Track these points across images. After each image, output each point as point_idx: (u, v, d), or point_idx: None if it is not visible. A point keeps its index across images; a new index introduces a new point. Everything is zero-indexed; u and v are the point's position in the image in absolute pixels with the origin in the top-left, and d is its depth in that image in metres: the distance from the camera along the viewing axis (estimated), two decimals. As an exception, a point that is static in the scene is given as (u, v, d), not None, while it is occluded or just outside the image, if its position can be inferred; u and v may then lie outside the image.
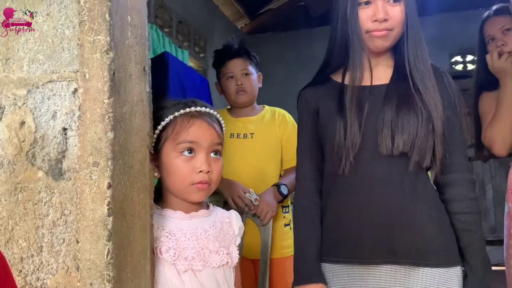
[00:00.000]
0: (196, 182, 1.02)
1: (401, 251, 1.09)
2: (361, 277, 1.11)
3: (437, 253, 1.10)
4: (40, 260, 0.87)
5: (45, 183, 0.88)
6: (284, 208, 1.89)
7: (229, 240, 1.09)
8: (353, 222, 1.12)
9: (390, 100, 1.12)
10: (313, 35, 5.37)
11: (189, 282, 1.00)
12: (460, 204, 1.14)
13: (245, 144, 1.89)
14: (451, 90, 1.16)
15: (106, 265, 0.81)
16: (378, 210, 1.10)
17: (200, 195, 1.05)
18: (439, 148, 1.10)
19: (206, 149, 1.05)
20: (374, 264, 1.10)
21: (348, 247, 1.13)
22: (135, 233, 0.89)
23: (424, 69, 1.14)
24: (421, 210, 1.10)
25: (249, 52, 1.96)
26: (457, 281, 1.10)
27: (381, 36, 1.13)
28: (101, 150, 0.83)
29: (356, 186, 1.12)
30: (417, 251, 1.09)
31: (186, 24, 4.24)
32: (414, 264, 1.09)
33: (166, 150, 1.03)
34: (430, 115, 1.09)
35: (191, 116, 1.04)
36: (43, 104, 0.90)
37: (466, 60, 5.34)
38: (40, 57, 0.91)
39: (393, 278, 1.10)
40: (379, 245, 1.10)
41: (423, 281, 1.08)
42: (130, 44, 0.91)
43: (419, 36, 1.16)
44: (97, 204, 0.82)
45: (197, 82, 2.72)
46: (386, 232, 1.09)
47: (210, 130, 1.06)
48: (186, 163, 1.03)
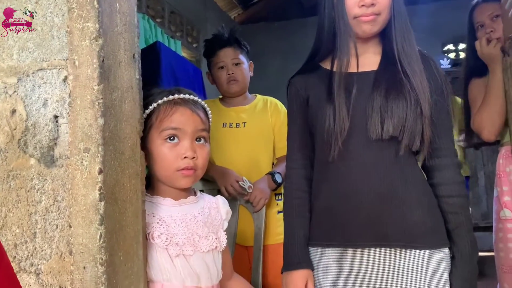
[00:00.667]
0: (181, 168, 1.04)
1: (391, 234, 1.11)
2: (353, 260, 1.13)
3: (426, 235, 1.12)
4: (34, 246, 0.89)
5: (37, 170, 0.89)
6: (277, 196, 1.91)
7: (217, 225, 1.11)
8: (344, 207, 1.14)
9: (379, 86, 1.13)
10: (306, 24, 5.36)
11: (181, 266, 1.02)
12: (448, 187, 1.16)
13: (237, 133, 1.90)
14: (438, 75, 1.18)
15: (98, 249, 0.83)
16: (368, 194, 1.11)
17: (186, 181, 1.06)
18: (427, 131, 1.11)
19: (190, 136, 1.06)
20: (365, 247, 1.12)
21: (339, 231, 1.15)
22: (127, 218, 0.90)
23: (411, 53, 1.15)
24: (411, 194, 1.12)
25: (240, 41, 1.96)
26: (445, 262, 1.13)
27: (369, 21, 1.13)
28: (91, 136, 0.84)
29: (346, 171, 1.14)
30: (406, 234, 1.11)
31: (178, 14, 4.22)
32: (404, 246, 1.11)
33: (151, 138, 1.05)
34: (418, 99, 1.10)
35: (174, 103, 1.06)
36: (34, 92, 0.90)
37: (458, 48, 5.35)
38: (29, 45, 0.91)
39: (384, 261, 1.12)
40: (370, 229, 1.11)
41: (412, 263, 1.11)
42: (119, 31, 0.92)
43: (406, 21, 1.17)
44: (89, 189, 0.84)
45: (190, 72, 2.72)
46: (376, 216, 1.11)
47: (194, 117, 1.07)
48: (171, 150, 1.04)
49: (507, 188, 1.67)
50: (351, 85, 1.15)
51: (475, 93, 1.77)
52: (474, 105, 1.76)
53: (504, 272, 1.64)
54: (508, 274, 1.63)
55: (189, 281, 1.03)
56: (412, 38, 1.17)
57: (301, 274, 1.17)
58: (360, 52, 1.18)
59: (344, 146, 1.12)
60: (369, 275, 1.12)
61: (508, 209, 1.65)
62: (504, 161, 1.69)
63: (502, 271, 1.65)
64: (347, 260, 1.14)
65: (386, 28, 1.17)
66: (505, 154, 1.70)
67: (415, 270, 1.10)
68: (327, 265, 1.17)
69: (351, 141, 1.13)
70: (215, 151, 1.84)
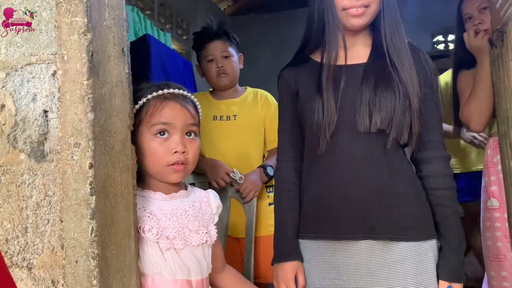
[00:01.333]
0: (171, 163, 1.04)
1: (378, 227, 1.12)
2: (341, 252, 1.15)
3: (413, 227, 1.13)
4: (26, 241, 0.89)
5: (28, 165, 0.89)
6: (268, 188, 1.92)
7: (207, 219, 1.12)
8: (332, 200, 1.15)
9: (368, 79, 1.13)
10: (296, 16, 5.35)
11: (171, 260, 1.03)
12: (436, 180, 1.17)
13: (228, 126, 1.90)
14: (428, 68, 1.18)
15: (90, 243, 0.83)
16: (356, 187, 1.12)
17: (177, 176, 1.06)
18: (415, 124, 1.12)
19: (181, 130, 1.06)
20: (353, 239, 1.14)
21: (328, 223, 1.16)
22: (118, 212, 0.91)
23: (401, 46, 1.15)
24: (398, 186, 1.13)
25: (229, 33, 1.95)
26: (432, 254, 1.14)
27: (358, 14, 1.13)
28: (81, 131, 0.84)
29: (334, 164, 1.15)
30: (394, 226, 1.12)
31: (168, 6, 4.19)
32: (391, 239, 1.12)
33: (141, 133, 1.05)
34: (407, 92, 1.11)
35: (164, 98, 1.06)
36: (23, 87, 0.90)
37: (448, 39, 5.38)
38: (18, 39, 0.91)
39: (372, 253, 1.13)
40: (358, 221, 1.13)
41: (400, 255, 1.12)
42: (108, 25, 0.92)
43: (395, 12, 1.17)
44: (80, 184, 0.84)
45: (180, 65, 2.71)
46: (364, 209, 1.12)
47: (184, 111, 1.07)
48: (161, 144, 1.04)
49: (495, 178, 1.69)
50: (339, 78, 1.15)
51: (463, 84, 1.79)
52: (462, 96, 1.78)
53: (491, 260, 1.68)
54: (495, 262, 1.66)
55: (180, 274, 1.04)
56: (401, 30, 1.17)
57: (291, 265, 1.18)
58: (349, 44, 1.18)
59: (332, 139, 1.13)
60: (357, 267, 1.14)
61: (496, 199, 1.68)
62: (492, 152, 1.72)
63: (489, 259, 1.69)
64: (335, 252, 1.15)
65: (375, 20, 1.17)
66: (492, 145, 1.73)
67: (402, 261, 1.12)
68: (316, 257, 1.18)
69: (339, 134, 1.13)
70: (205, 144, 1.85)
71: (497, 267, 1.65)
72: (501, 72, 1.56)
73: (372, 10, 1.14)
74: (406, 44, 1.17)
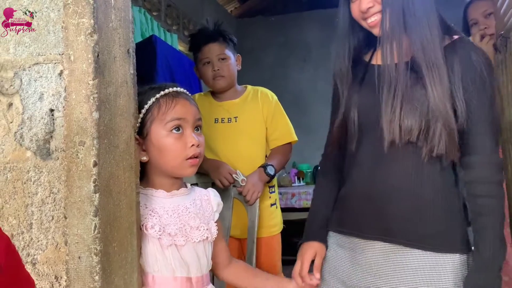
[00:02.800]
0: (189, 156, 1.07)
1: (394, 230, 1.10)
2: (358, 250, 1.16)
3: (432, 237, 1.09)
4: (30, 237, 0.91)
5: (34, 163, 0.91)
6: (271, 188, 1.93)
7: (208, 216, 1.15)
8: (356, 197, 1.18)
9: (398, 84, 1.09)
10: (302, 19, 5.37)
11: (172, 256, 1.05)
12: (476, 186, 1.08)
13: (229, 128, 1.89)
14: (477, 66, 1.09)
15: (93, 239, 0.85)
16: (378, 187, 1.12)
17: (193, 170, 1.10)
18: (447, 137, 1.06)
19: (192, 125, 1.10)
20: (369, 239, 1.14)
21: (348, 220, 1.19)
22: (121, 210, 0.93)
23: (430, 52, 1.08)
24: (425, 194, 1.09)
25: (225, 35, 1.90)
26: (452, 269, 1.07)
27: (374, 25, 1.13)
28: (86, 129, 0.86)
29: (361, 162, 1.17)
30: (410, 231, 1.09)
31: (174, 7, 4.22)
32: (406, 244, 1.09)
33: (155, 131, 1.07)
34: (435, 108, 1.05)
35: (172, 96, 1.09)
36: (30, 86, 0.92)
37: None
38: (26, 39, 0.93)
39: (385, 256, 1.12)
40: (375, 222, 1.12)
41: (414, 263, 1.09)
42: (114, 26, 0.94)
43: (421, 16, 1.10)
44: (84, 181, 0.86)
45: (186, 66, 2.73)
46: (383, 210, 1.11)
47: (193, 107, 1.12)
48: (178, 140, 1.07)
49: None
50: (377, 79, 1.13)
51: None
52: None
53: None
54: None
55: (179, 272, 1.06)
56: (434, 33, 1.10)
57: (313, 245, 1.24)
58: None
59: (361, 137, 1.17)
60: (371, 268, 1.13)
61: None
62: None
63: None
64: (353, 249, 1.18)
65: None
66: None
67: (415, 270, 1.09)
68: (336, 250, 1.22)
69: (369, 133, 1.15)
70: (207, 146, 1.85)
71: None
72: (505, 77, 1.57)
73: (388, 14, 1.09)
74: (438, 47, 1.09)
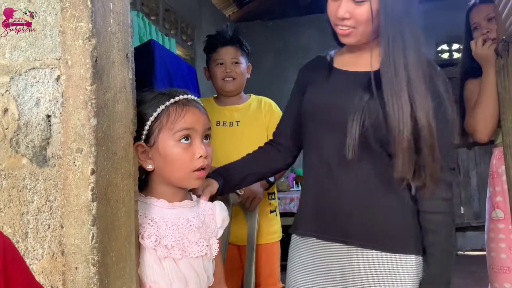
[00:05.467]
0: (196, 168, 1.04)
1: (351, 232, 1.13)
2: (320, 252, 1.17)
3: (388, 238, 1.11)
4: (26, 246, 0.88)
5: (30, 170, 0.89)
6: (270, 195, 1.92)
7: (210, 232, 1.09)
8: (314, 199, 1.18)
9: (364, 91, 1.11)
10: (301, 23, 5.37)
11: (169, 269, 1.01)
12: (429, 203, 1.12)
13: (230, 132, 1.91)
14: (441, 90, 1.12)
15: (90, 249, 0.83)
16: (336, 191, 1.14)
17: (199, 182, 1.07)
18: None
19: (201, 135, 1.06)
20: (328, 240, 1.16)
21: (307, 221, 1.19)
22: (119, 219, 0.90)
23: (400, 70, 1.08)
24: (381, 198, 1.13)
25: (242, 42, 1.96)
26: (408, 270, 1.10)
27: (345, 34, 1.14)
28: (84, 136, 0.84)
29: (319, 165, 1.18)
30: (367, 233, 1.12)
31: (173, 11, 4.21)
32: (362, 245, 1.12)
33: (162, 140, 1.03)
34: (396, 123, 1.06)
35: (183, 104, 1.05)
36: (26, 91, 0.90)
37: (452, 48, 5.39)
38: (22, 44, 0.90)
39: (343, 257, 1.14)
40: (334, 224, 1.15)
41: (369, 263, 1.12)
42: (112, 31, 0.92)
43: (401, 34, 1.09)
44: (81, 189, 0.83)
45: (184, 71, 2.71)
46: (341, 213, 1.14)
47: (203, 116, 1.08)
48: (186, 150, 1.03)
49: (500, 189, 1.68)
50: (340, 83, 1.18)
51: (470, 93, 1.78)
52: (468, 105, 1.77)
53: (495, 272, 1.66)
54: (499, 274, 1.64)
55: (177, 285, 1.01)
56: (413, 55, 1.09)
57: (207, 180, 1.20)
58: (356, 52, 1.20)
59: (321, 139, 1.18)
60: (333, 271, 1.15)
61: (500, 210, 1.67)
62: (497, 162, 1.71)
63: (493, 271, 1.67)
64: (317, 252, 1.18)
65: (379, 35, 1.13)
66: (498, 155, 1.72)
67: (374, 272, 1.11)
68: (301, 255, 1.22)
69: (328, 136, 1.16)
70: (208, 150, 1.84)
71: (501, 278, 1.64)
72: (506, 82, 1.56)
73: (360, 31, 1.12)
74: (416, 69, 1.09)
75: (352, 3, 1.09)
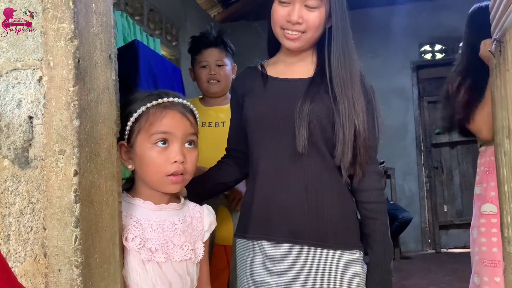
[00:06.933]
0: (170, 173, 1.02)
1: (301, 232, 1.17)
2: (272, 255, 1.19)
3: (335, 236, 1.18)
4: (8, 249, 0.87)
5: (11, 172, 0.88)
6: (256, 195, 1.92)
7: (196, 236, 1.08)
8: (262, 202, 1.21)
9: (306, 96, 1.18)
10: (286, 24, 5.37)
11: (153, 272, 1.00)
12: (366, 194, 1.21)
13: (216, 132, 1.91)
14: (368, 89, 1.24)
15: (74, 251, 0.82)
16: (284, 193, 1.18)
17: (175, 187, 1.04)
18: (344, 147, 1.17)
19: (180, 140, 1.03)
20: (278, 242, 1.18)
21: (256, 225, 1.21)
22: (103, 220, 0.90)
23: (346, 76, 1.19)
24: (324, 196, 1.18)
25: (226, 43, 1.96)
26: (355, 265, 1.18)
27: (293, 38, 1.19)
28: (67, 138, 0.84)
29: (265, 169, 1.21)
30: (315, 233, 1.17)
31: (157, 12, 4.19)
32: (311, 245, 1.16)
33: (140, 142, 1.02)
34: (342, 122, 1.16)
35: (164, 107, 1.03)
36: (8, 93, 0.89)
37: (434, 49, 5.46)
38: (3, 44, 0.90)
39: (295, 257, 1.18)
40: (283, 225, 1.18)
41: (320, 262, 1.17)
42: (95, 32, 0.91)
43: (345, 43, 1.21)
44: (64, 191, 0.83)
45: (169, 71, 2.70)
46: (289, 214, 1.17)
47: (184, 121, 1.05)
48: (160, 154, 1.02)
49: (494, 184, 1.69)
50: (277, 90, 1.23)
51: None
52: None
53: (485, 265, 1.68)
54: (490, 268, 1.67)
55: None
56: (351, 61, 1.21)
57: None
58: (292, 60, 1.25)
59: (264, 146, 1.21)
60: (284, 271, 1.18)
61: (494, 204, 1.68)
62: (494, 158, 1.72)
63: (483, 264, 1.69)
64: (267, 254, 1.20)
65: (320, 42, 1.22)
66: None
67: (325, 270, 1.16)
68: (246, 257, 1.24)
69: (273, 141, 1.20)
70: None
71: (491, 272, 1.66)
72: (498, 81, 1.57)
73: (309, 36, 1.19)
74: (355, 75, 1.20)
75: (305, 9, 1.16)
